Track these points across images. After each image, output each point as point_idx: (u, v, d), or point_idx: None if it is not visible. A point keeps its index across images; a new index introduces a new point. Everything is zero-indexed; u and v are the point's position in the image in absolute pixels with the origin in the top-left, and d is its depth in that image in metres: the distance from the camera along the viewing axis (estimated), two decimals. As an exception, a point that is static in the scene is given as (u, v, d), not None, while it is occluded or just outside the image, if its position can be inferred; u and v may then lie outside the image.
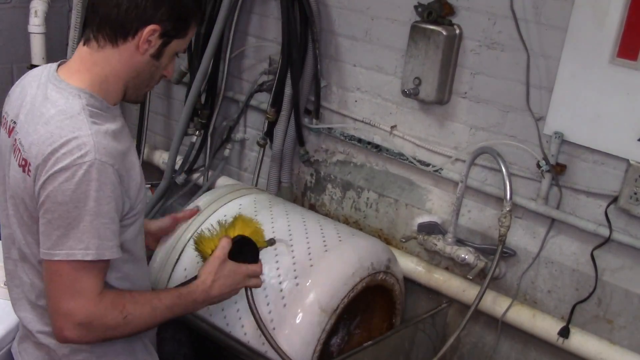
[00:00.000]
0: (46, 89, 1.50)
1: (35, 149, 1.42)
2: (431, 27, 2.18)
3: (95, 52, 1.49)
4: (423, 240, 2.33)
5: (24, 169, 1.46)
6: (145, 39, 1.47)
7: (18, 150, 1.48)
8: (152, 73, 1.56)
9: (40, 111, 1.47)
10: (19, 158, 1.48)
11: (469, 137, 2.27)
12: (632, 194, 1.94)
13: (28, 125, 1.47)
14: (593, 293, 2.07)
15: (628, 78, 1.90)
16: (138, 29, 1.46)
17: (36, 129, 1.44)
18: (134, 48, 1.48)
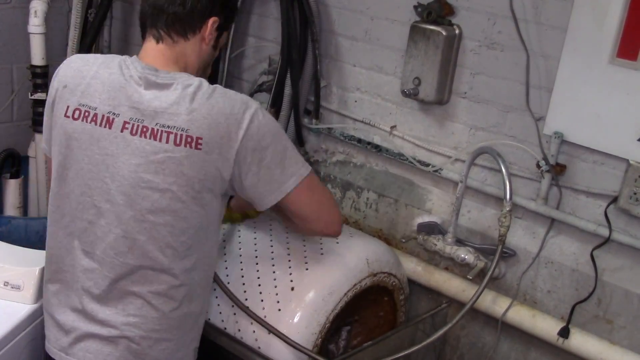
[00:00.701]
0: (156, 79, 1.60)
1: (205, 123, 1.55)
2: (431, 27, 2.18)
3: (171, 47, 1.66)
4: (423, 240, 2.33)
5: (189, 145, 1.55)
6: (210, 30, 1.68)
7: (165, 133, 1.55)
8: (210, 63, 1.79)
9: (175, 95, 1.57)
10: (174, 138, 1.55)
11: (468, 137, 2.28)
12: (632, 194, 1.94)
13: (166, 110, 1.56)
14: (593, 293, 2.07)
15: (628, 78, 1.90)
16: (203, 22, 1.67)
17: (186, 107, 1.56)
18: (200, 39, 1.68)
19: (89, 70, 1.66)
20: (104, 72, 1.64)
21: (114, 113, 1.60)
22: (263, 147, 1.59)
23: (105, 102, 1.61)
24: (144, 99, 1.59)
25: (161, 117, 1.57)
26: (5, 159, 2.88)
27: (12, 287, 2.04)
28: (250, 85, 2.79)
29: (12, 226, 2.64)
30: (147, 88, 1.60)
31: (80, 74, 1.66)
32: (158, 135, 1.56)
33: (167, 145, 1.55)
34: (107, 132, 1.60)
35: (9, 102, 3.10)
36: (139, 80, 1.60)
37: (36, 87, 2.89)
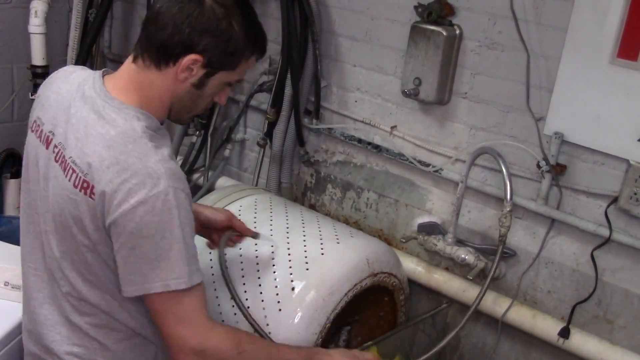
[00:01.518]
0: (98, 106, 1.45)
1: (101, 175, 1.38)
2: (431, 28, 2.18)
3: (141, 71, 1.47)
4: (423, 240, 2.33)
5: (85, 191, 1.40)
6: (184, 67, 1.43)
7: (71, 170, 1.43)
8: (195, 101, 1.52)
9: (97, 130, 1.42)
10: (74, 178, 1.42)
11: (469, 137, 2.28)
12: (632, 194, 1.94)
13: (83, 145, 1.42)
14: (593, 293, 2.07)
15: (628, 78, 1.90)
16: (179, 55, 1.42)
17: (95, 150, 1.40)
18: (174, 74, 1.45)
19: (57, 83, 1.57)
20: (64, 86, 1.54)
21: (53, 133, 1.50)
22: (142, 236, 1.37)
23: (50, 119, 1.51)
24: (76, 125, 1.45)
25: (76, 151, 1.43)
26: (5, 159, 2.88)
27: (12, 287, 2.04)
28: (251, 85, 2.79)
29: (12, 226, 2.64)
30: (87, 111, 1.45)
31: (51, 86, 1.58)
32: (67, 170, 1.44)
33: (69, 184, 1.43)
34: (45, 152, 1.50)
35: (9, 102, 3.10)
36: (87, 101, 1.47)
37: (36, 87, 2.88)
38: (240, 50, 1.46)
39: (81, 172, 1.41)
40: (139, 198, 1.35)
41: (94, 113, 1.44)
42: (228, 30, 1.43)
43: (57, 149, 1.47)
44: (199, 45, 1.42)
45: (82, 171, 1.41)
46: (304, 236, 2.04)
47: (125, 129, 1.41)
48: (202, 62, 1.43)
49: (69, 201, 1.43)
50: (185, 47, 1.42)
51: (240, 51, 1.47)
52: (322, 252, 2.00)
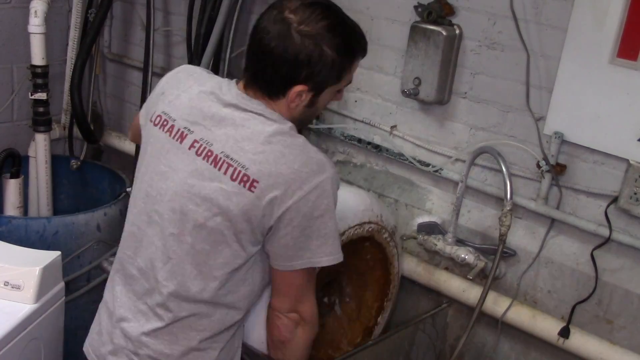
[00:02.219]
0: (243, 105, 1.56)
1: (267, 168, 1.50)
2: (431, 27, 2.18)
3: (254, 99, 1.58)
4: (423, 240, 2.33)
5: (244, 184, 1.50)
6: (292, 98, 1.55)
7: (225, 164, 1.52)
8: (311, 115, 1.67)
9: (251, 128, 1.53)
10: (232, 171, 1.52)
11: (469, 137, 2.28)
12: (632, 194, 1.94)
13: (237, 141, 1.53)
14: (593, 293, 2.07)
15: (628, 78, 1.90)
16: (285, 90, 1.55)
17: (256, 146, 1.51)
18: (286, 104, 1.57)
19: (186, 84, 1.66)
20: (196, 87, 1.64)
21: (189, 129, 1.59)
22: (314, 217, 1.52)
23: (184, 116, 1.60)
24: (221, 123, 1.56)
25: (228, 147, 1.53)
26: (5, 159, 2.88)
27: (12, 287, 2.04)
28: (251, 85, 2.78)
29: (12, 226, 2.64)
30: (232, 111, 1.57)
31: (177, 84, 1.67)
32: (219, 163, 1.53)
33: (225, 177, 1.52)
34: (177, 146, 1.59)
35: (9, 102, 3.10)
36: (228, 103, 1.58)
37: (36, 87, 2.89)
38: (339, 67, 1.56)
39: (240, 167, 1.51)
40: (312, 185, 1.50)
41: (239, 112, 1.56)
42: (322, 57, 1.52)
43: (198, 143, 1.56)
44: (300, 77, 1.53)
45: (242, 166, 1.51)
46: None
47: (281, 126, 1.55)
48: (308, 88, 1.55)
49: (220, 192, 1.52)
50: (287, 82, 1.54)
51: (339, 67, 1.56)
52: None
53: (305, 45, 1.50)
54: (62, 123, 3.26)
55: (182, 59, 2.96)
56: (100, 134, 3.33)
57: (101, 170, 3.27)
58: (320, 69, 1.52)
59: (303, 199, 1.50)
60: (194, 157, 1.56)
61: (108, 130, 3.40)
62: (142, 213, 1.64)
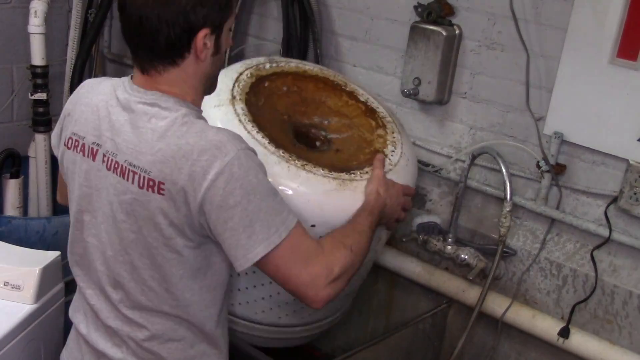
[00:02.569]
0: (134, 103, 1.45)
1: (168, 167, 1.38)
2: (431, 28, 2.18)
3: (160, 75, 1.45)
4: (423, 240, 2.33)
5: (152, 189, 1.40)
6: (200, 48, 1.42)
7: (130, 172, 1.42)
8: (220, 62, 1.53)
9: (145, 127, 1.42)
10: (138, 179, 1.41)
11: (468, 137, 2.28)
12: (632, 194, 1.94)
13: (135, 145, 1.42)
14: (593, 293, 2.07)
15: (628, 78, 1.90)
16: (190, 42, 1.41)
17: (152, 145, 1.40)
18: (194, 60, 1.44)
19: (87, 96, 1.56)
20: (96, 97, 1.53)
21: (98, 144, 1.49)
22: (230, 206, 1.36)
23: (91, 131, 1.51)
24: (121, 130, 1.46)
25: (130, 153, 1.43)
26: (5, 159, 2.88)
27: (12, 287, 2.04)
28: (250, 85, 2.79)
29: (12, 226, 2.63)
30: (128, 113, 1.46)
31: (80, 100, 1.57)
32: (126, 173, 1.43)
33: (133, 186, 1.42)
34: (92, 165, 1.50)
35: (9, 102, 3.10)
36: (124, 104, 1.47)
37: (36, 87, 2.88)
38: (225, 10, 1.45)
39: (143, 172, 1.41)
40: (215, 170, 1.36)
41: (134, 112, 1.45)
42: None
43: (106, 157, 1.47)
44: (199, 21, 1.40)
45: (144, 170, 1.41)
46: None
47: (174, 116, 1.42)
48: (210, 30, 1.42)
49: (135, 203, 1.43)
50: (190, 32, 1.40)
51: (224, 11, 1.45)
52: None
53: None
54: (62, 123, 3.25)
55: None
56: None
57: (101, 171, 3.26)
58: (213, 3, 1.40)
59: (211, 188, 1.36)
60: (106, 173, 1.47)
61: (108, 130, 3.39)
62: (78, 241, 1.58)
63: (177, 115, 1.42)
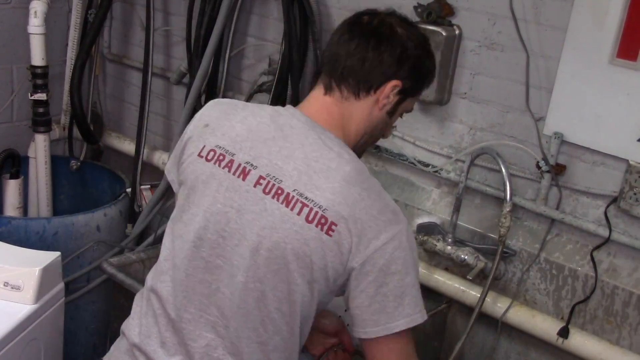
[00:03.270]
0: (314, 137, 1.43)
1: (347, 211, 1.36)
2: (431, 28, 2.18)
3: (340, 102, 1.48)
4: (423, 240, 2.33)
5: (322, 227, 1.36)
6: (387, 94, 1.47)
7: (300, 203, 1.37)
8: (382, 130, 1.57)
9: (328, 164, 1.40)
10: (307, 212, 1.37)
11: (468, 137, 2.28)
12: (632, 195, 1.95)
13: (312, 178, 1.39)
14: (593, 293, 2.07)
15: (628, 78, 1.90)
16: (381, 83, 1.47)
17: (334, 185, 1.38)
18: (373, 102, 1.48)
19: (236, 114, 1.51)
20: (252, 119, 1.49)
21: (252, 164, 1.42)
22: (391, 272, 1.37)
23: (245, 150, 1.44)
24: (290, 156, 1.41)
25: (302, 184, 1.39)
26: (5, 159, 2.88)
27: (12, 287, 2.04)
28: (250, 85, 2.79)
29: (12, 226, 2.64)
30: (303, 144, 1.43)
31: (226, 115, 1.51)
32: (292, 203, 1.37)
33: (298, 217, 1.37)
34: (239, 184, 1.42)
35: (9, 102, 3.10)
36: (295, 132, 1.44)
37: (36, 88, 2.89)
38: (428, 76, 1.55)
39: (317, 207, 1.37)
40: (389, 235, 1.37)
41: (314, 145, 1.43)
42: (422, 57, 1.50)
43: (265, 180, 1.41)
44: (399, 72, 1.47)
45: (319, 206, 1.37)
46: None
47: (358, 166, 1.43)
48: (400, 88, 1.48)
49: (294, 235, 1.38)
50: (387, 75, 1.46)
51: (428, 76, 1.55)
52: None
53: (411, 39, 1.48)
54: (61, 124, 3.26)
55: (181, 60, 2.96)
56: (100, 134, 3.33)
57: (101, 171, 3.27)
58: (419, 68, 1.49)
59: (380, 250, 1.36)
60: (261, 196, 1.40)
61: (108, 130, 3.40)
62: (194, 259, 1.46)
63: (362, 166, 1.44)
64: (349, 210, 1.36)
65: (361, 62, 1.45)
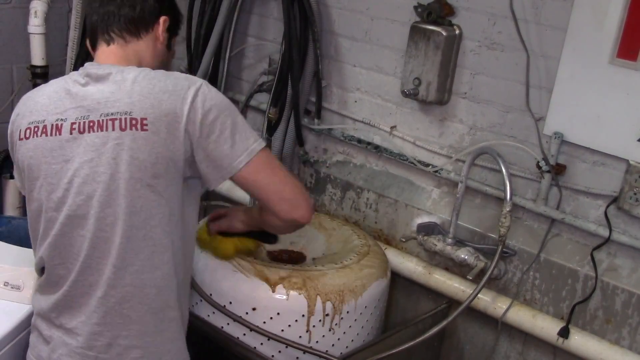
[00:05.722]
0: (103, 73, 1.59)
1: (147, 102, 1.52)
2: (431, 28, 2.19)
3: (123, 46, 1.66)
4: (423, 240, 2.33)
5: (135, 127, 1.51)
6: (162, 28, 1.70)
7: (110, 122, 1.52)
8: (168, 64, 1.78)
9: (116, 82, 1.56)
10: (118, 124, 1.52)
11: (469, 137, 2.28)
12: (632, 194, 1.95)
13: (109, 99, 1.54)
14: (593, 293, 2.07)
15: (628, 78, 1.90)
16: (155, 21, 1.69)
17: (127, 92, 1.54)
18: (154, 38, 1.70)
19: (37, 93, 1.67)
20: (47, 88, 1.66)
21: (62, 119, 1.58)
22: (210, 121, 1.53)
23: (51, 112, 1.60)
24: (87, 94, 1.57)
25: (104, 107, 1.54)
26: (5, 159, 2.88)
27: (12, 287, 2.04)
28: (250, 85, 2.79)
29: (12, 226, 2.63)
30: (88, 83, 1.59)
31: (29, 99, 1.68)
32: (104, 125, 1.53)
33: (114, 132, 1.52)
34: (59, 139, 1.57)
35: (9, 102, 3.10)
36: (81, 79, 1.60)
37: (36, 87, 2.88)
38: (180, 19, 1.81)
39: (124, 115, 1.52)
40: (190, 95, 1.53)
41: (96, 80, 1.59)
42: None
43: (76, 123, 1.56)
44: (163, 8, 1.71)
45: (125, 113, 1.52)
46: None
47: (139, 69, 1.59)
48: (169, 22, 1.72)
49: (119, 149, 1.52)
50: (156, 12, 1.69)
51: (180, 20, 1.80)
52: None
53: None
54: (61, 123, 3.25)
55: (182, 59, 2.95)
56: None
57: (101, 171, 3.26)
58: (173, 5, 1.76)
59: (192, 110, 1.52)
60: (80, 137, 1.55)
61: (108, 130, 3.40)
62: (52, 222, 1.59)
63: (140, 69, 1.60)
64: (148, 101, 1.53)
65: (132, 8, 1.66)
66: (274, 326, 1.92)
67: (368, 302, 2.03)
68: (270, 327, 1.93)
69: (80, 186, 1.54)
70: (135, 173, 1.51)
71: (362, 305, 2.01)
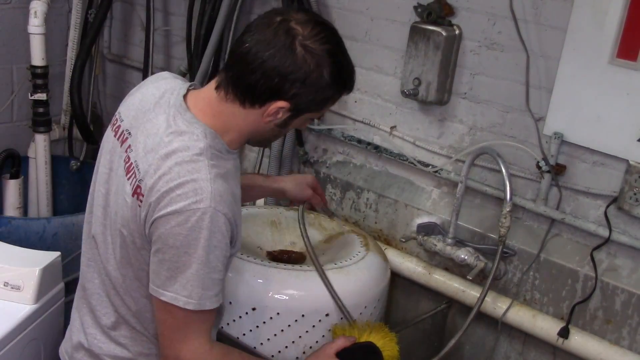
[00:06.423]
0: (170, 115, 1.47)
1: (150, 181, 1.40)
2: (431, 28, 2.19)
3: (223, 102, 1.45)
4: (423, 240, 2.33)
5: (138, 196, 1.42)
6: (270, 112, 1.43)
7: (133, 173, 1.45)
8: (276, 135, 1.55)
9: (162, 139, 1.43)
10: (132, 181, 1.44)
11: (468, 137, 2.28)
12: (632, 195, 1.95)
13: (146, 151, 1.44)
14: (593, 293, 2.07)
15: (628, 78, 1.90)
16: (266, 101, 1.42)
17: (155, 159, 1.41)
18: (259, 115, 1.44)
19: (146, 86, 1.59)
20: (151, 90, 1.55)
21: (129, 132, 1.51)
22: (168, 245, 1.39)
23: (129, 119, 1.53)
24: (149, 131, 1.47)
25: (139, 154, 1.46)
26: (5, 159, 2.88)
27: (12, 287, 2.04)
28: (250, 85, 2.78)
29: (12, 226, 2.64)
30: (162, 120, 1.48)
31: (140, 87, 1.60)
32: (130, 172, 1.47)
33: (128, 186, 1.46)
34: (118, 148, 1.52)
35: (9, 102, 3.10)
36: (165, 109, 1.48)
37: (36, 88, 2.89)
38: (326, 96, 1.47)
39: (139, 177, 1.43)
40: (177, 207, 1.37)
41: (166, 124, 1.45)
42: (318, 81, 1.42)
43: (129, 148, 1.49)
44: (287, 94, 1.41)
45: (140, 177, 1.43)
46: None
47: (189, 144, 1.41)
48: (289, 107, 1.43)
49: (123, 204, 1.46)
50: (273, 94, 1.41)
51: (327, 96, 1.47)
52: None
53: (306, 62, 1.39)
54: (61, 124, 3.26)
55: (181, 60, 2.96)
56: (99, 134, 3.33)
57: (101, 171, 3.26)
58: (311, 93, 1.42)
59: (166, 218, 1.38)
60: (122, 163, 1.50)
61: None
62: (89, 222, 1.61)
63: (192, 146, 1.41)
64: (152, 182, 1.40)
65: (251, 74, 1.40)
66: (274, 326, 1.92)
67: (368, 302, 2.03)
68: (270, 327, 1.93)
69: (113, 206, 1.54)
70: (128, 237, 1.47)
71: (362, 306, 2.01)
